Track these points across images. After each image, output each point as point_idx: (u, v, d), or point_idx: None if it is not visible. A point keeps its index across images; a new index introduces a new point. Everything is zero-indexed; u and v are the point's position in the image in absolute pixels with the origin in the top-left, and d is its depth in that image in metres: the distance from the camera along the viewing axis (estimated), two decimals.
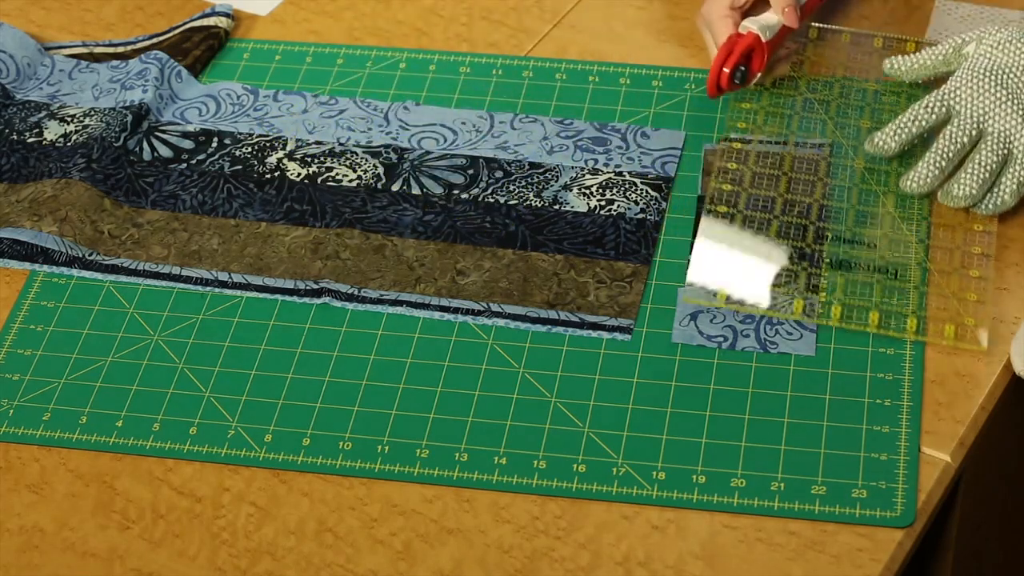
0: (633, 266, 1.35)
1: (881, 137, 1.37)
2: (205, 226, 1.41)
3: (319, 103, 1.52)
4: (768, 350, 1.28)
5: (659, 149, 1.44)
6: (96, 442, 1.27)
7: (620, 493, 1.20)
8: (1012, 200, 1.33)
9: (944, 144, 1.34)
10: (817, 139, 1.42)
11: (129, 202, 1.43)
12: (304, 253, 1.38)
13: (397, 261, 1.37)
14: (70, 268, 1.39)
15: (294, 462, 1.24)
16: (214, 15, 1.59)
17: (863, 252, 1.32)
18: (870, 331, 1.27)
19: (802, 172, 1.39)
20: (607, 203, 1.39)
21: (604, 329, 1.30)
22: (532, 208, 1.40)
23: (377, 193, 1.42)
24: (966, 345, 1.26)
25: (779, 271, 1.31)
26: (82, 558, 1.21)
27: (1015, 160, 1.33)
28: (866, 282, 1.30)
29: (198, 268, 1.38)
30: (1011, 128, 1.34)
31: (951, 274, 1.31)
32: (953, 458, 1.21)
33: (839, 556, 1.16)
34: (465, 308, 1.32)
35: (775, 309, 1.28)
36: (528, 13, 1.60)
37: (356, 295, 1.34)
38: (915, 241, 1.33)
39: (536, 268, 1.35)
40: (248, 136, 1.49)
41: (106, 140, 1.47)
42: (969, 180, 1.33)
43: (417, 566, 1.18)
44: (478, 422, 1.25)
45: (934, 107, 1.36)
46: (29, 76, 1.56)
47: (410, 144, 1.47)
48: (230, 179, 1.45)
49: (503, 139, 1.46)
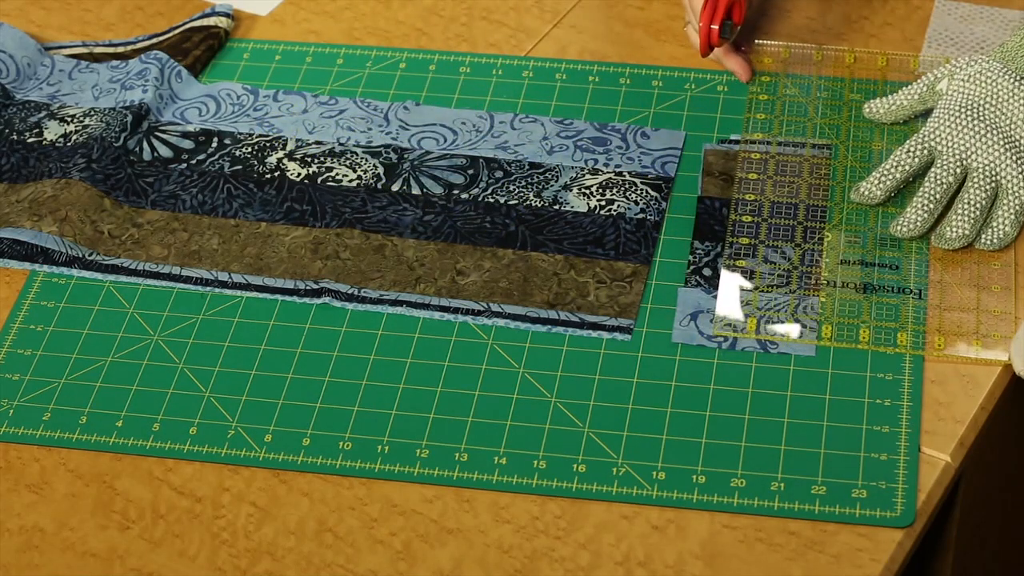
0: (633, 266, 1.35)
1: (867, 187, 1.36)
2: (205, 226, 1.41)
3: (319, 103, 1.52)
4: (768, 350, 1.28)
5: (659, 149, 1.44)
6: (96, 442, 1.27)
7: (620, 493, 1.20)
8: (1014, 231, 1.33)
9: (931, 186, 1.34)
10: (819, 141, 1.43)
11: (129, 202, 1.43)
12: (304, 253, 1.38)
13: (397, 261, 1.37)
14: (70, 268, 1.39)
15: (294, 462, 1.24)
16: (214, 15, 1.59)
17: (889, 275, 1.32)
18: (902, 352, 1.27)
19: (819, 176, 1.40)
20: (607, 203, 1.39)
21: (604, 329, 1.30)
22: (532, 208, 1.40)
23: (377, 193, 1.42)
24: (1000, 361, 1.26)
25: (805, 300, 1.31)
26: (82, 558, 1.21)
27: (1006, 191, 1.33)
28: (892, 303, 1.30)
29: (198, 268, 1.38)
30: (995, 160, 1.34)
31: (958, 287, 1.31)
32: (953, 458, 1.21)
33: (839, 556, 1.15)
34: (465, 308, 1.33)
35: (804, 337, 1.28)
36: (528, 13, 1.60)
37: (356, 295, 1.34)
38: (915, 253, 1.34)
39: (536, 268, 1.35)
40: (248, 136, 1.49)
41: (106, 140, 1.47)
42: (960, 221, 1.32)
43: (417, 566, 1.18)
44: (478, 422, 1.25)
45: (916, 151, 1.36)
46: (29, 76, 1.56)
47: (410, 144, 1.47)
48: (230, 179, 1.45)
49: (503, 139, 1.46)
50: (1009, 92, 1.36)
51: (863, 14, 1.55)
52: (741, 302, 1.30)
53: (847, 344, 1.27)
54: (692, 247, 1.35)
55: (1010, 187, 1.33)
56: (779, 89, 1.48)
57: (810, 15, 1.56)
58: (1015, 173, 1.33)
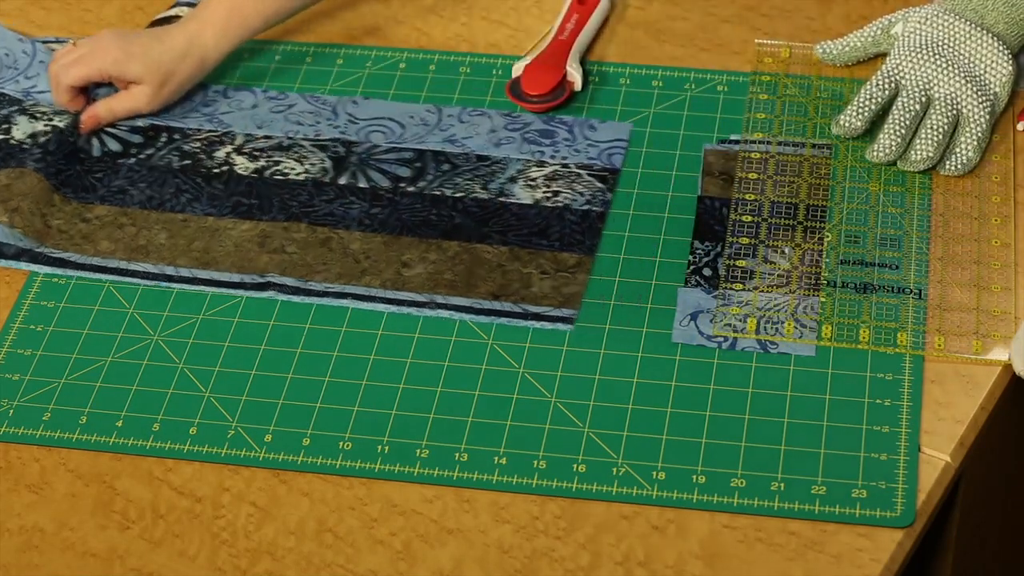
0: (577, 257, 1.35)
1: (846, 119, 1.41)
2: (153, 220, 1.42)
3: (268, 98, 1.52)
4: (768, 350, 1.28)
5: (606, 141, 1.45)
6: (96, 442, 1.27)
7: (620, 493, 1.20)
8: (976, 156, 1.38)
9: (899, 114, 1.39)
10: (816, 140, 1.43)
11: (78, 198, 1.44)
12: (251, 247, 1.39)
13: (343, 254, 1.37)
14: (18, 261, 1.39)
15: (294, 462, 1.24)
16: (179, 6, 1.59)
17: (889, 274, 1.32)
18: (902, 352, 1.27)
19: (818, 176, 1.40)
20: (553, 195, 1.40)
21: (547, 320, 1.31)
22: (478, 200, 1.40)
23: (324, 186, 1.43)
24: (999, 361, 1.26)
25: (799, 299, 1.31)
26: (82, 558, 1.21)
27: (967, 120, 1.39)
28: (892, 303, 1.30)
29: (145, 262, 1.38)
30: (956, 91, 1.39)
31: (975, 288, 1.31)
32: (953, 458, 1.21)
33: (839, 556, 1.15)
34: (410, 300, 1.33)
35: (803, 337, 1.28)
36: (528, 13, 1.60)
37: (302, 288, 1.35)
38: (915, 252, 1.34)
39: (481, 260, 1.36)
40: (197, 131, 1.49)
41: (63, 135, 1.47)
42: (925, 144, 1.38)
43: (417, 566, 1.18)
44: (478, 422, 1.25)
45: (883, 83, 1.41)
46: (8, 66, 1.56)
47: (358, 138, 1.47)
48: (178, 174, 1.45)
49: (451, 132, 1.47)
50: (966, 33, 1.42)
51: (863, 14, 1.55)
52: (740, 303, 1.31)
53: (847, 344, 1.27)
54: (692, 247, 1.35)
55: (971, 115, 1.39)
56: (779, 89, 1.48)
57: (810, 15, 1.56)
58: (975, 103, 1.39)
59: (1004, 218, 1.36)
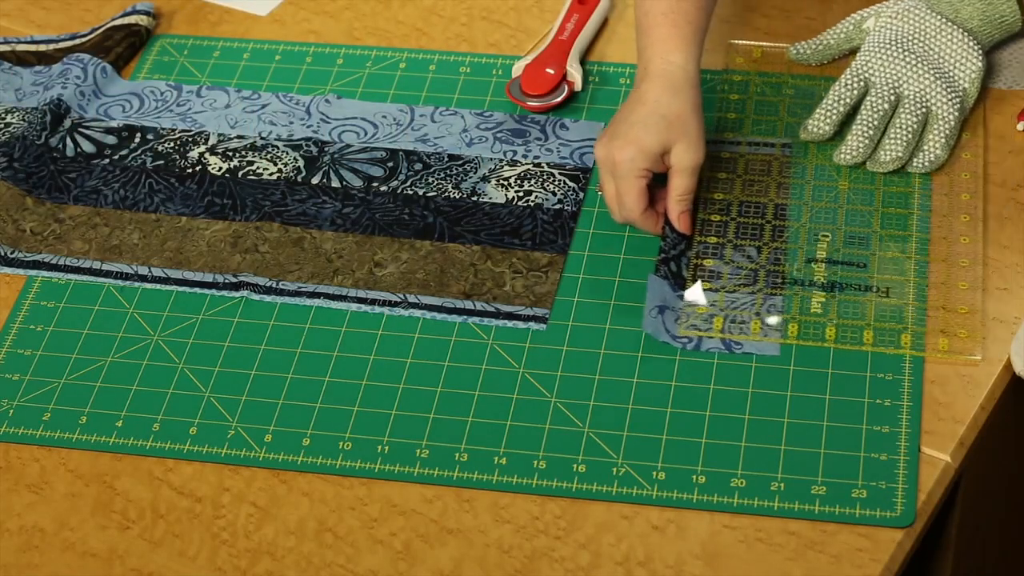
0: (549, 256, 1.36)
1: (814, 124, 1.41)
2: (126, 221, 1.42)
3: (241, 98, 1.52)
4: (733, 351, 1.27)
5: (578, 140, 1.45)
6: (96, 442, 1.27)
7: (620, 493, 1.20)
8: (944, 154, 1.38)
9: (868, 114, 1.39)
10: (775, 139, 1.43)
11: (51, 198, 1.44)
12: (223, 247, 1.39)
13: (315, 254, 1.37)
14: None
15: (294, 462, 1.24)
16: (135, 13, 1.60)
17: (856, 273, 1.32)
18: (866, 350, 1.27)
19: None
20: (525, 194, 1.40)
21: (520, 319, 1.31)
22: (450, 200, 1.41)
23: (297, 186, 1.43)
24: (962, 357, 1.26)
25: (771, 298, 1.31)
26: (82, 558, 1.21)
27: (936, 117, 1.38)
28: (858, 301, 1.30)
29: (119, 263, 1.39)
30: (926, 88, 1.39)
31: (942, 286, 1.31)
32: (953, 458, 1.21)
33: (839, 556, 1.15)
34: (382, 299, 1.33)
35: (768, 336, 1.28)
36: (528, 13, 1.60)
37: (275, 288, 1.35)
38: (907, 257, 1.33)
39: (453, 259, 1.36)
40: (171, 131, 1.50)
41: (28, 138, 1.48)
42: (894, 144, 1.38)
43: (417, 566, 1.18)
44: (478, 422, 1.25)
45: (852, 83, 1.41)
46: None
47: (331, 137, 1.47)
48: (152, 174, 1.46)
49: (423, 132, 1.47)
50: (937, 29, 1.41)
51: None
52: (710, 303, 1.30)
53: (848, 345, 1.27)
54: (664, 233, 1.35)
55: (940, 113, 1.38)
56: (750, 88, 1.48)
57: (810, 15, 1.56)
58: (944, 100, 1.38)
59: (972, 216, 1.36)
